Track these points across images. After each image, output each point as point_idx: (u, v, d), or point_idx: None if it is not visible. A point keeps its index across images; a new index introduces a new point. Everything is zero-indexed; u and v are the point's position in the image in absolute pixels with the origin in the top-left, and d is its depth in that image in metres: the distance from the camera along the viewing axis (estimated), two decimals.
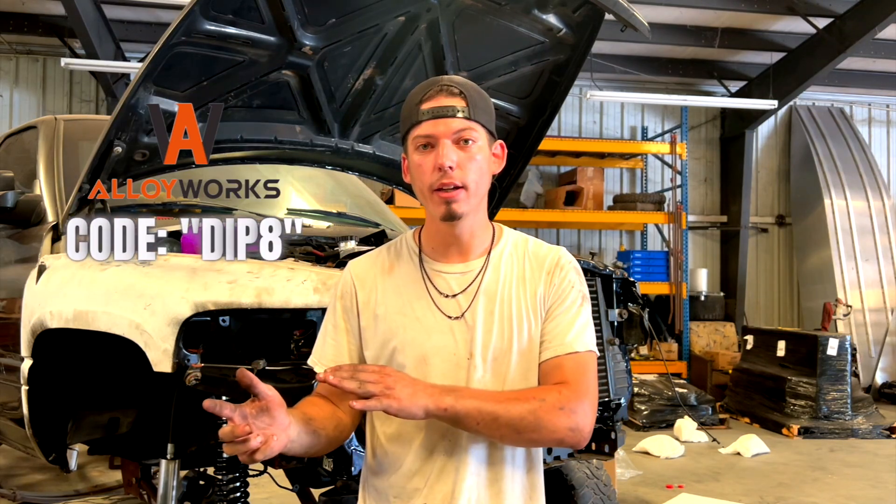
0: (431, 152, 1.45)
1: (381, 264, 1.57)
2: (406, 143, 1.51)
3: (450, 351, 1.47)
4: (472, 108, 1.47)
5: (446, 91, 1.47)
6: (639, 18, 2.67)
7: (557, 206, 9.22)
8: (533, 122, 3.15)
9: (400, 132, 1.54)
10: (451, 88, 1.47)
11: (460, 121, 1.45)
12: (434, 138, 1.45)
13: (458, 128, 1.45)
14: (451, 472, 1.46)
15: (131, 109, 2.49)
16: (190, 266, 2.19)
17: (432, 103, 1.46)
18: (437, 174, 1.44)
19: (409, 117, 1.49)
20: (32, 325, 2.55)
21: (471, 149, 1.46)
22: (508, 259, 1.55)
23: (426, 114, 1.45)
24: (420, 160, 1.47)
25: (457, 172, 1.44)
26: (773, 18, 8.67)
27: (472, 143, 1.46)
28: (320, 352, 1.56)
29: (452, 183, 1.43)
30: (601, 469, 3.37)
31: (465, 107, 1.46)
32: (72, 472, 4.89)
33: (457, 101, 1.46)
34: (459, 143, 1.45)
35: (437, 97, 1.46)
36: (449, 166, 1.43)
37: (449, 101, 1.46)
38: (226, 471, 2.31)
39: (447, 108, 1.45)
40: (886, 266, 9.74)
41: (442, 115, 1.45)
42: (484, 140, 1.49)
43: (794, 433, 6.98)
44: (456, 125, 1.45)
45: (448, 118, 1.45)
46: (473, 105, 1.47)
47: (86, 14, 7.23)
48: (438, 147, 1.44)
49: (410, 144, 1.49)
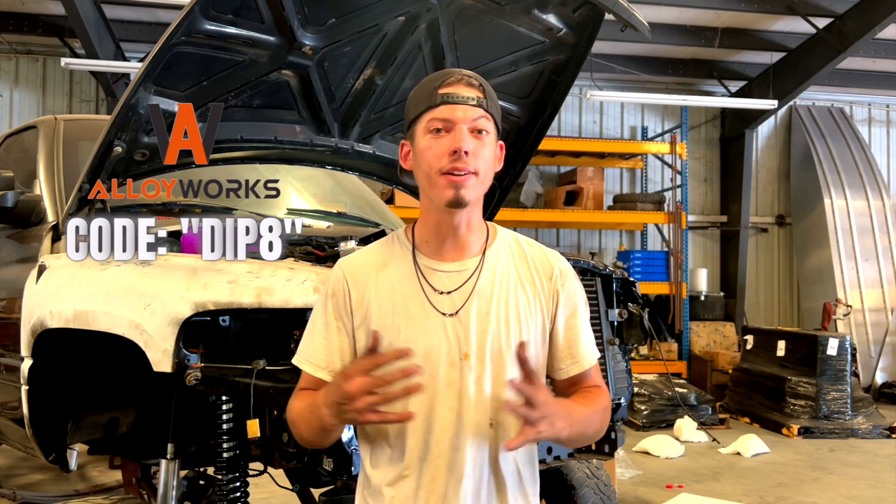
0: (444, 136, 1.45)
1: (373, 261, 1.55)
2: (415, 127, 1.50)
3: (444, 351, 1.46)
4: (488, 101, 1.48)
5: (466, 81, 1.48)
6: (639, 18, 2.67)
7: (557, 206, 9.22)
8: (533, 122, 3.16)
9: (407, 116, 1.52)
10: (470, 80, 1.48)
11: (478, 110, 1.46)
12: (451, 123, 1.45)
13: (476, 116, 1.46)
14: (450, 470, 1.46)
15: (131, 109, 2.49)
16: (190, 266, 2.19)
17: (452, 89, 1.46)
18: (449, 158, 1.43)
19: (426, 100, 1.48)
20: (32, 325, 2.55)
21: (484, 139, 1.47)
22: (504, 259, 1.55)
23: (446, 98, 1.46)
24: (430, 143, 1.46)
25: (471, 158, 1.44)
26: (773, 18, 8.67)
27: (485, 134, 1.47)
28: (310, 351, 1.52)
29: (466, 168, 1.43)
30: (601, 469, 3.37)
31: (483, 99, 1.47)
32: (72, 472, 4.89)
33: (476, 92, 1.47)
34: (474, 133, 1.46)
35: (456, 85, 1.47)
36: (465, 150, 1.43)
37: (469, 91, 1.47)
38: (226, 471, 2.30)
39: (467, 97, 1.46)
40: (886, 266, 9.74)
41: (462, 102, 1.45)
42: (493, 135, 1.50)
43: (794, 433, 6.98)
44: (474, 114, 1.46)
45: (467, 105, 1.46)
46: (490, 99, 1.49)
47: (86, 14, 7.23)
48: (455, 132, 1.44)
49: (421, 128, 1.48)
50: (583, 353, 1.56)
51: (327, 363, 1.50)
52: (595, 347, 1.59)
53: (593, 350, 1.59)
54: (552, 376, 1.58)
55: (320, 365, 1.50)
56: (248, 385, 1.98)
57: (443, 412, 1.45)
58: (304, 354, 1.53)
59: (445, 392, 1.46)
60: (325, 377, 1.49)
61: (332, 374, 1.49)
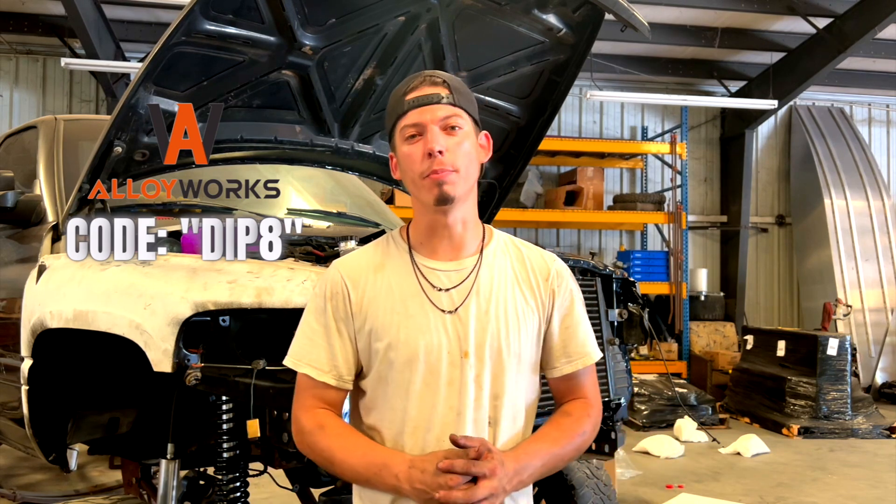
0: (419, 141, 1.46)
1: (369, 262, 1.54)
2: (393, 137, 1.52)
3: (445, 349, 1.46)
4: (455, 95, 1.49)
5: (429, 81, 1.49)
6: (639, 18, 2.67)
7: (557, 206, 9.22)
8: (533, 122, 3.15)
9: (386, 129, 1.54)
10: (433, 78, 1.50)
11: (445, 107, 1.47)
12: (422, 126, 1.46)
13: (444, 115, 1.47)
14: None
15: (131, 109, 2.49)
16: (190, 266, 2.19)
17: (417, 93, 1.48)
18: (427, 161, 1.44)
19: (395, 109, 1.50)
20: (32, 325, 2.55)
21: (458, 134, 1.47)
22: (502, 259, 1.55)
23: (411, 103, 1.47)
24: (409, 150, 1.47)
25: (447, 157, 1.44)
26: (773, 18, 8.66)
27: (458, 129, 1.48)
28: (312, 355, 1.50)
29: (444, 167, 1.44)
30: (601, 469, 3.37)
31: (449, 94, 1.48)
32: (72, 472, 4.90)
33: (440, 90, 1.48)
34: (447, 130, 1.47)
35: (420, 87, 1.48)
36: (439, 150, 1.43)
37: (433, 90, 1.48)
38: (226, 471, 2.30)
39: (432, 96, 1.47)
40: (886, 266, 9.73)
41: (427, 103, 1.46)
42: (469, 127, 1.50)
43: (794, 433, 6.98)
44: (442, 112, 1.46)
45: (433, 105, 1.46)
46: (457, 92, 1.49)
47: (86, 14, 7.23)
48: (427, 134, 1.45)
49: (398, 137, 1.50)
50: (578, 351, 1.57)
51: (331, 367, 1.49)
52: (593, 347, 1.59)
53: (590, 350, 1.59)
54: (547, 375, 1.59)
55: (324, 369, 1.49)
56: (248, 385, 1.98)
57: (443, 410, 1.46)
58: (305, 358, 1.51)
59: (447, 391, 1.46)
60: (329, 381, 1.49)
61: (337, 379, 1.49)
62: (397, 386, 1.47)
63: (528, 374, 1.54)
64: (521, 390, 1.52)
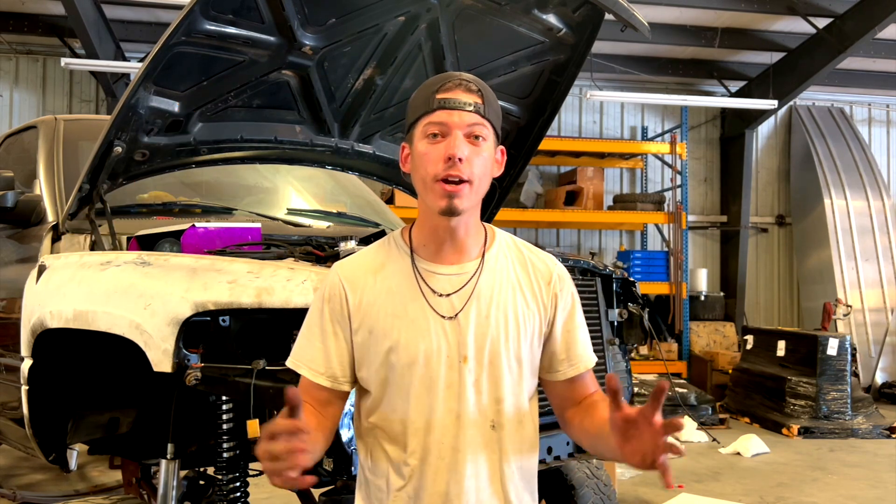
0: (440, 142, 1.45)
1: (369, 264, 1.54)
2: (413, 131, 1.50)
3: (444, 353, 1.46)
4: (486, 107, 1.47)
5: (464, 87, 1.47)
6: (639, 18, 2.67)
7: (557, 206, 9.22)
8: (533, 122, 3.15)
9: (407, 120, 1.52)
10: (469, 85, 1.47)
11: (475, 116, 1.45)
12: (447, 128, 1.44)
13: (472, 122, 1.45)
14: (451, 471, 1.46)
15: (131, 109, 2.49)
16: (190, 266, 2.19)
17: (449, 94, 1.46)
18: (444, 164, 1.43)
19: (423, 105, 1.48)
20: (32, 325, 2.55)
21: (480, 145, 1.46)
22: (504, 262, 1.55)
23: (442, 103, 1.45)
24: (427, 149, 1.45)
25: (465, 166, 1.43)
26: (772, 18, 8.66)
27: (482, 140, 1.46)
28: (308, 356, 1.51)
29: (459, 175, 1.43)
30: (601, 469, 3.37)
31: (481, 104, 1.46)
32: (72, 472, 4.89)
33: (473, 98, 1.46)
34: (470, 139, 1.45)
35: (454, 90, 1.46)
36: (459, 157, 1.42)
37: (466, 97, 1.46)
38: (226, 471, 2.30)
39: (464, 103, 1.45)
40: (886, 266, 9.73)
41: (458, 108, 1.45)
42: (491, 141, 1.49)
43: (794, 433, 6.98)
44: (470, 119, 1.45)
45: (464, 111, 1.45)
46: (488, 104, 1.48)
47: (86, 14, 7.23)
48: (450, 138, 1.44)
49: (419, 132, 1.48)
50: (580, 355, 1.57)
51: (326, 368, 1.50)
52: (592, 350, 1.60)
53: (591, 354, 1.59)
54: (548, 378, 1.58)
55: (319, 370, 1.50)
56: (248, 385, 1.98)
57: (442, 414, 1.46)
58: (303, 359, 1.52)
59: (445, 394, 1.46)
60: (324, 382, 1.49)
61: (331, 381, 1.50)
62: (398, 388, 1.47)
63: (528, 377, 1.53)
64: (523, 394, 1.52)
